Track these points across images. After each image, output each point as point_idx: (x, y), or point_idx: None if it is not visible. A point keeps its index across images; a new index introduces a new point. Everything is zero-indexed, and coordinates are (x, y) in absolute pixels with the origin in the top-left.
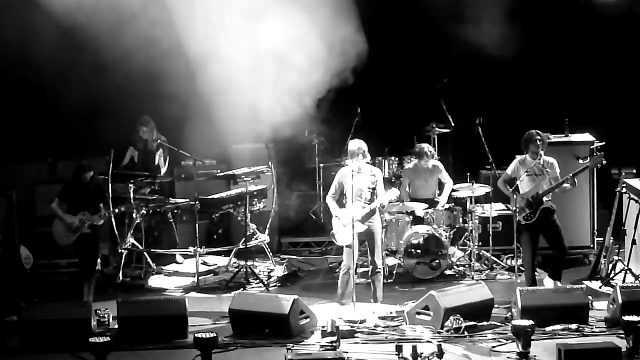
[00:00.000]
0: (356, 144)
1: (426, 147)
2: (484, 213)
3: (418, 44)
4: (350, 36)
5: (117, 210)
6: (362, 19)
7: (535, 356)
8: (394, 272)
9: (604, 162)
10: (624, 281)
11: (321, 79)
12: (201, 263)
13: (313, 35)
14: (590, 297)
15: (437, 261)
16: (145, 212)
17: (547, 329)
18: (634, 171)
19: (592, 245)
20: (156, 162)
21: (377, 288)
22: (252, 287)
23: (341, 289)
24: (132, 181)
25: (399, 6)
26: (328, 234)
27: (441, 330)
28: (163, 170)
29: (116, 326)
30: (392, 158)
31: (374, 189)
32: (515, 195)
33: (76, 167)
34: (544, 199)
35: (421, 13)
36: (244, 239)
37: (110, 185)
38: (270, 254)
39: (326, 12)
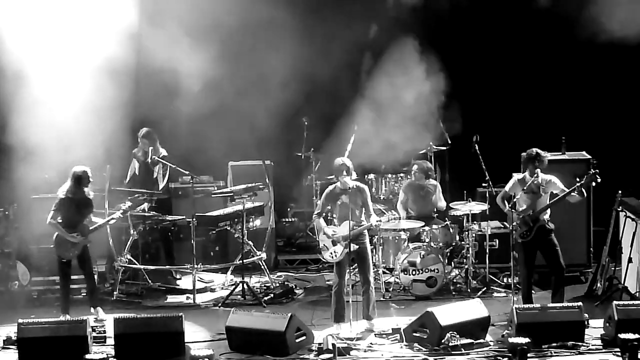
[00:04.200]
0: (340, 161)
1: (424, 164)
2: (480, 231)
3: (415, 61)
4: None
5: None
6: (361, 36)
7: None
8: (391, 289)
9: (599, 179)
10: (620, 299)
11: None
12: (198, 280)
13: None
14: (586, 315)
15: (433, 278)
16: (142, 229)
17: (544, 346)
18: (631, 189)
19: (588, 264)
20: (154, 176)
21: (371, 305)
22: (249, 304)
23: (334, 307)
24: (129, 198)
25: (397, 22)
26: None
27: (438, 348)
28: (161, 186)
29: (113, 343)
30: (389, 176)
31: (362, 206)
32: (512, 213)
33: (77, 178)
34: (541, 217)
35: (418, 30)
36: (240, 255)
37: (107, 201)
38: (267, 271)
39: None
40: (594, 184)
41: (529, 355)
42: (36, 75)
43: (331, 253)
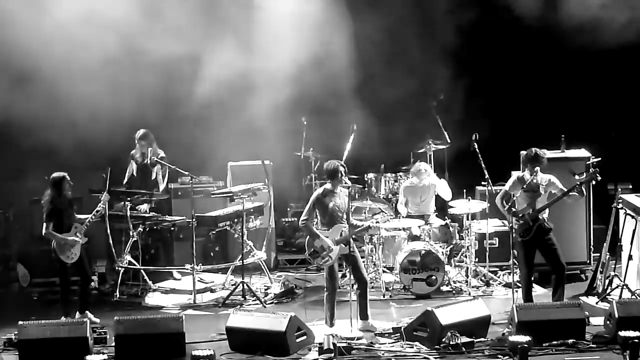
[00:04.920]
0: (337, 164)
1: (422, 165)
2: (480, 229)
3: (415, 60)
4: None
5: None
6: (361, 35)
7: None
8: (391, 288)
9: (599, 177)
10: (620, 297)
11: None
12: (198, 280)
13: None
14: (587, 313)
15: (433, 277)
16: (142, 230)
17: (544, 344)
18: (630, 187)
19: (588, 261)
20: (153, 177)
21: (367, 304)
22: (249, 304)
23: (329, 311)
24: (128, 199)
25: (395, 22)
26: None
27: (438, 347)
28: (162, 187)
29: (113, 344)
30: (388, 175)
31: (347, 208)
32: (511, 212)
33: (56, 184)
34: (540, 215)
35: (418, 30)
36: (240, 256)
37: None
38: (267, 271)
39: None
40: (593, 182)
41: (529, 353)
42: (35, 75)
43: (323, 257)
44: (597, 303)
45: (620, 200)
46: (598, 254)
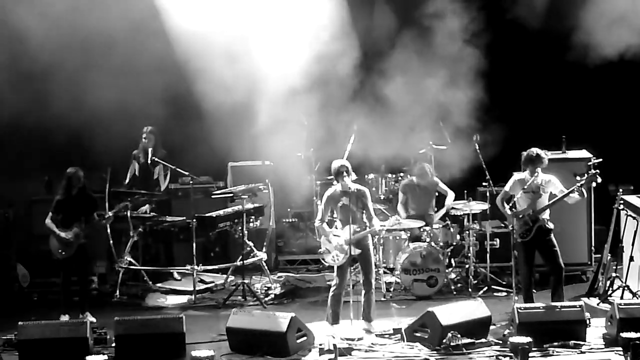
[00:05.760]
0: (339, 163)
1: (425, 166)
2: (481, 230)
3: (415, 60)
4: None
5: (114, 211)
6: (360, 34)
7: None
8: (391, 289)
9: (599, 179)
10: (621, 298)
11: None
12: (198, 281)
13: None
14: (588, 314)
15: (434, 278)
16: (142, 230)
17: (545, 345)
18: (632, 188)
19: (589, 262)
20: (155, 177)
21: (371, 307)
22: (249, 305)
23: (332, 309)
24: (128, 199)
25: (396, 22)
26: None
27: (439, 348)
28: (163, 187)
29: (114, 344)
30: (389, 175)
31: (363, 209)
32: (512, 213)
33: (67, 178)
34: (540, 216)
35: (417, 30)
36: (241, 256)
37: (107, 203)
38: (268, 271)
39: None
40: (594, 184)
41: (530, 354)
42: (36, 75)
43: (333, 257)
44: (598, 304)
45: (621, 201)
46: (599, 255)
